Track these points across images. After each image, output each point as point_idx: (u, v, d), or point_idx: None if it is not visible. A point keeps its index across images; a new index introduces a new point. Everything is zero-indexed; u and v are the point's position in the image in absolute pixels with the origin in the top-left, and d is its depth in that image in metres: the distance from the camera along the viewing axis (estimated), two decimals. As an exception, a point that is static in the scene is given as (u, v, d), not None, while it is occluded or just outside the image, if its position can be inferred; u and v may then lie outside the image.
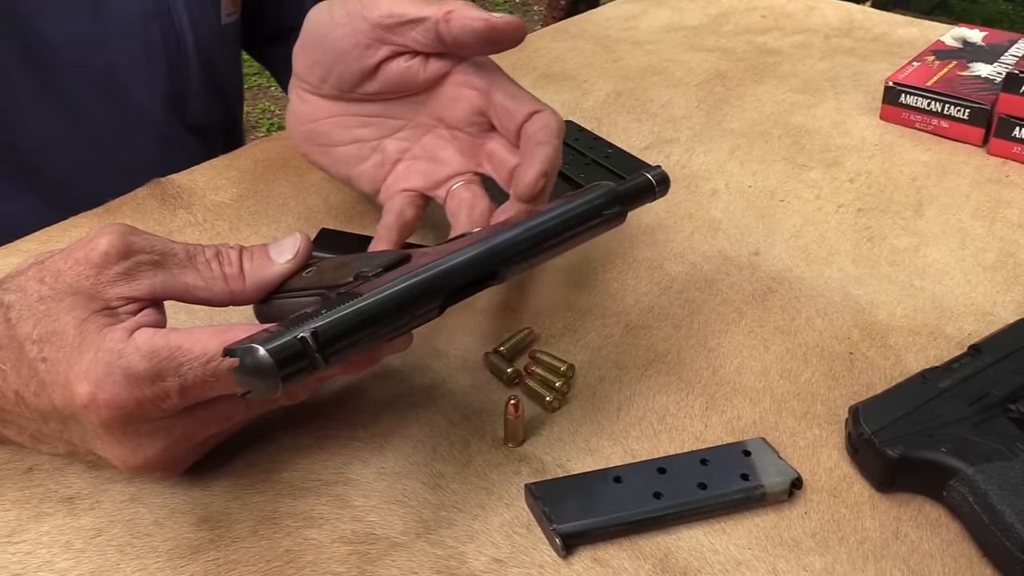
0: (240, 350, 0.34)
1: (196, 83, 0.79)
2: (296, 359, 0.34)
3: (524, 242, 0.41)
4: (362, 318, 0.36)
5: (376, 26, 0.51)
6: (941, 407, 0.46)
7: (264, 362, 0.33)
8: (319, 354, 0.34)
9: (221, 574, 0.41)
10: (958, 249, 0.62)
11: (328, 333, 0.35)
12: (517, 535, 0.43)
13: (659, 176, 0.48)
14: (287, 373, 0.34)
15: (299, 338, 0.34)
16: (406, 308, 0.37)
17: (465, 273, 0.39)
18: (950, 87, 0.75)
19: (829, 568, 0.41)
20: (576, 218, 0.43)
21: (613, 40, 0.96)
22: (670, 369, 0.52)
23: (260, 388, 0.34)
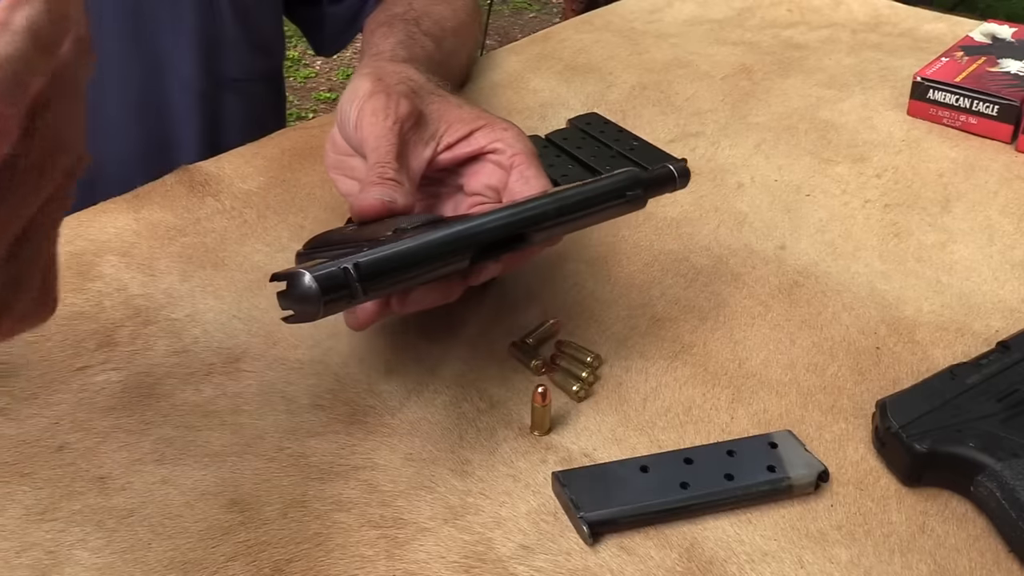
0: (288, 274, 0.38)
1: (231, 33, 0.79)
2: (338, 287, 0.38)
3: (551, 211, 0.45)
4: (400, 258, 0.40)
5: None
6: (969, 403, 0.46)
7: (309, 287, 0.37)
8: (359, 284, 0.38)
9: (251, 555, 0.41)
10: (986, 246, 0.62)
11: (368, 267, 0.38)
12: (544, 522, 0.43)
13: (681, 169, 0.51)
14: (329, 299, 0.37)
15: (342, 268, 0.38)
16: (439, 256, 0.41)
17: (496, 231, 0.43)
18: (979, 83, 0.75)
19: (855, 560, 0.41)
20: (600, 196, 0.47)
21: (638, 33, 0.96)
22: (696, 361, 0.52)
23: (303, 311, 0.38)
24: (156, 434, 0.48)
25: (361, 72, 0.57)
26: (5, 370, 0.51)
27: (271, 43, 0.88)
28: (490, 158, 0.53)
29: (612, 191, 0.47)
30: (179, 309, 0.56)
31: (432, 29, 0.72)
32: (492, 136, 0.53)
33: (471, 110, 0.55)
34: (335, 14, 0.86)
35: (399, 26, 0.71)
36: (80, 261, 0.60)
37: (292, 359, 0.53)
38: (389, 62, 0.61)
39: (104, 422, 0.48)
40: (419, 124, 0.53)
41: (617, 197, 0.47)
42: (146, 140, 0.77)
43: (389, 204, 0.47)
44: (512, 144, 0.52)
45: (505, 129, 0.53)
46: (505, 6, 3.96)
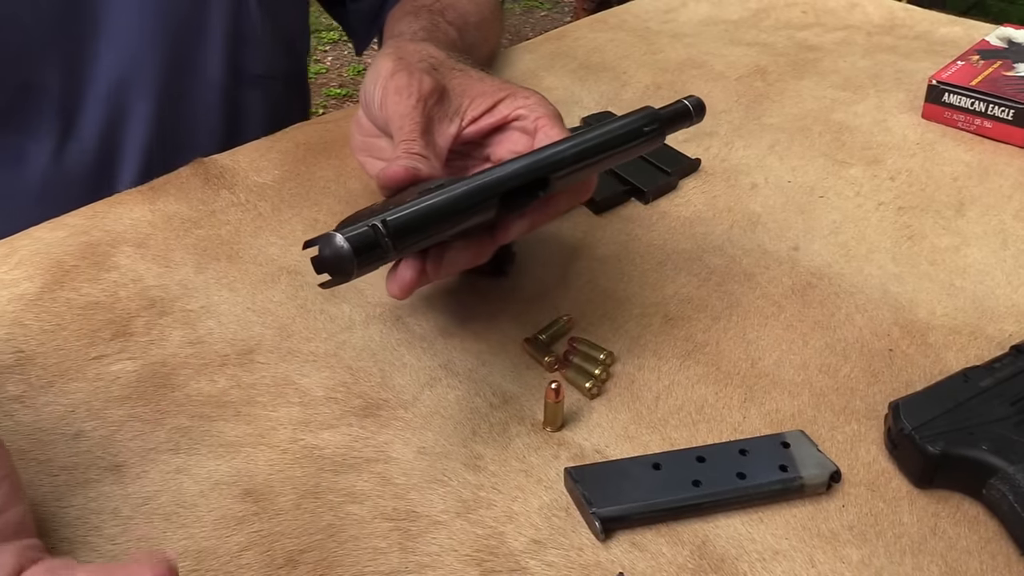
0: (320, 239, 0.39)
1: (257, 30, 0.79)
2: (370, 245, 0.38)
3: (572, 154, 0.45)
4: (427, 212, 0.41)
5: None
6: (982, 406, 0.46)
7: (341, 247, 0.38)
8: (389, 240, 0.39)
9: (265, 545, 0.42)
10: (1000, 250, 0.62)
11: (397, 223, 0.39)
12: (556, 517, 0.43)
13: (696, 103, 0.52)
14: (362, 259, 0.38)
15: (371, 226, 0.39)
16: (466, 206, 0.42)
17: (518, 177, 0.44)
18: (994, 87, 0.75)
19: (866, 561, 0.41)
20: (620, 136, 0.47)
21: (652, 32, 0.96)
22: (709, 360, 0.52)
23: (337, 273, 0.39)
24: (171, 424, 0.48)
25: (383, 52, 0.58)
26: (22, 359, 0.52)
27: (296, 39, 0.88)
28: (514, 125, 0.53)
29: (631, 131, 0.48)
30: (194, 300, 0.56)
31: (456, 20, 0.72)
32: (515, 104, 0.53)
33: (493, 82, 0.55)
34: (357, 11, 0.86)
35: (424, 15, 0.71)
36: (96, 251, 0.60)
37: (306, 351, 0.53)
38: (409, 42, 0.61)
39: (119, 411, 0.49)
40: (442, 100, 0.54)
41: (636, 136, 0.48)
42: (166, 134, 0.77)
43: (413, 171, 0.48)
44: (535, 109, 0.52)
45: (527, 96, 0.53)
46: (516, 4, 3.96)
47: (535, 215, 0.47)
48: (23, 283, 0.57)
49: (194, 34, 0.76)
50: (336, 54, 3.48)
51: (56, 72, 0.72)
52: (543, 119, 0.52)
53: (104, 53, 0.72)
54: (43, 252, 0.60)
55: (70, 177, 0.74)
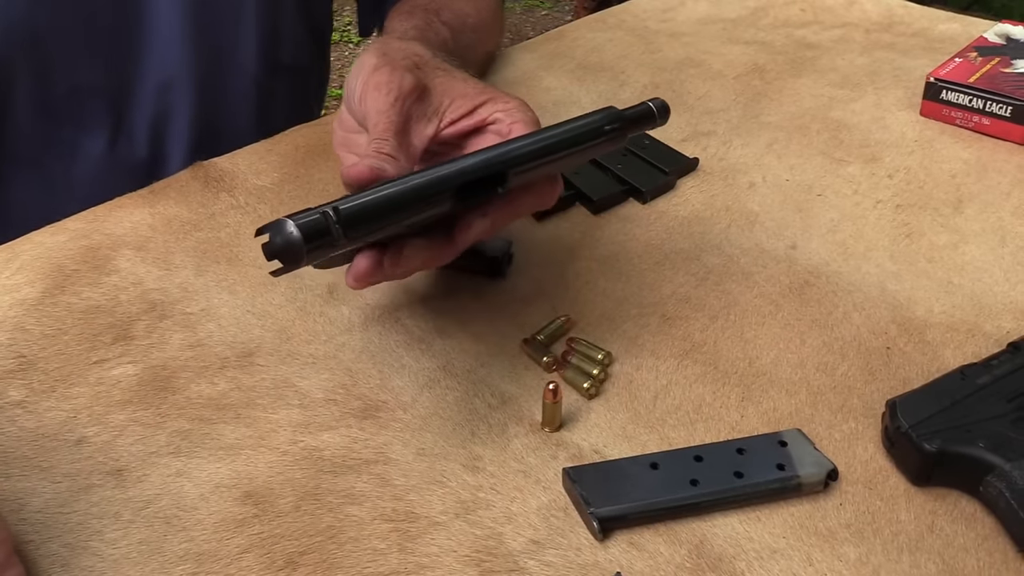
0: (271, 226, 0.38)
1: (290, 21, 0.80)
2: (320, 233, 0.38)
3: (531, 151, 0.45)
4: (380, 201, 0.40)
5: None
6: (979, 403, 0.46)
7: (291, 233, 0.37)
8: (339, 227, 0.38)
9: (265, 547, 0.42)
10: (998, 247, 0.62)
11: (350, 211, 0.39)
12: (554, 518, 0.43)
13: (660, 105, 0.51)
14: (312, 246, 0.38)
15: (322, 212, 0.38)
16: (420, 198, 0.41)
17: (474, 171, 0.43)
18: (992, 84, 0.75)
19: (863, 559, 0.42)
20: (580, 135, 0.47)
21: (651, 32, 0.96)
22: (706, 359, 0.52)
23: (287, 260, 0.38)
24: (171, 427, 0.48)
25: (367, 48, 0.58)
26: (24, 363, 0.52)
27: (324, 26, 0.90)
28: (491, 128, 0.53)
29: (591, 130, 0.47)
30: (194, 303, 0.57)
31: (451, 21, 0.73)
32: (494, 108, 0.53)
33: (476, 85, 0.55)
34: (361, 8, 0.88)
35: (419, 14, 0.72)
36: (96, 255, 0.61)
37: (305, 354, 0.53)
38: (397, 40, 0.61)
39: (120, 415, 0.49)
40: (422, 99, 0.53)
41: (597, 135, 0.47)
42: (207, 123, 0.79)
43: (378, 171, 0.47)
44: (512, 113, 0.52)
45: (507, 101, 0.53)
46: (517, 3, 3.96)
47: (496, 214, 0.46)
48: (24, 288, 0.58)
49: (232, 30, 0.78)
50: (336, 54, 3.48)
51: (105, 74, 0.75)
52: (518, 124, 0.51)
53: (149, 55, 0.75)
54: (44, 257, 0.60)
55: (123, 167, 0.78)
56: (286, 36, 0.82)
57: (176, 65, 0.76)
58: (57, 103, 0.74)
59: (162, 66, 0.76)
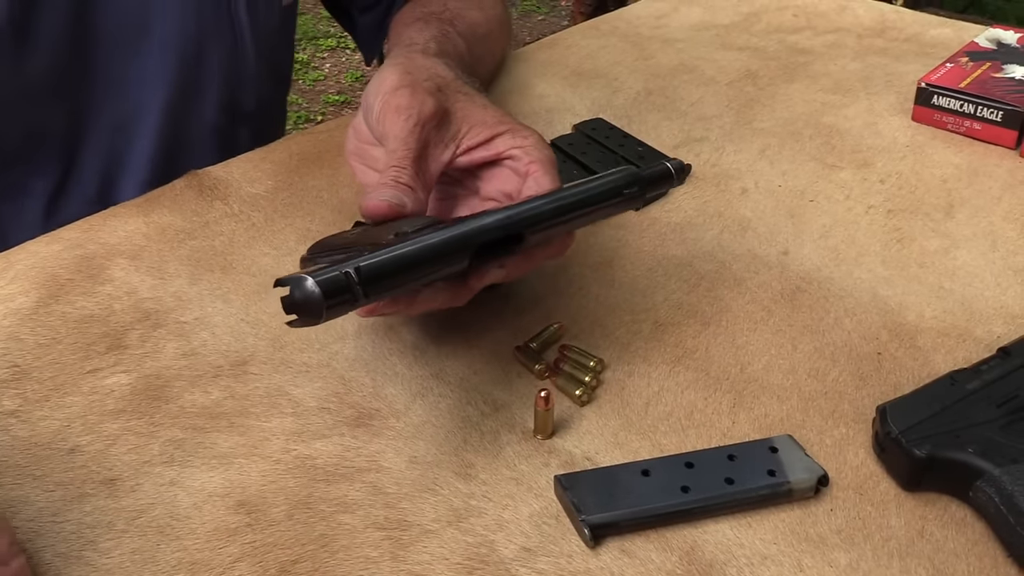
0: (291, 280, 0.39)
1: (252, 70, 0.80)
2: (340, 291, 0.38)
3: (549, 211, 0.46)
4: (399, 261, 0.41)
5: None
6: (969, 408, 0.46)
7: (312, 291, 0.38)
8: (360, 287, 0.39)
9: (258, 556, 0.42)
10: (989, 252, 0.62)
11: (370, 271, 0.39)
12: (546, 525, 0.43)
13: (678, 166, 0.52)
14: (332, 303, 0.38)
15: (344, 272, 0.39)
16: (438, 258, 0.42)
17: (493, 232, 0.44)
18: (983, 89, 0.75)
19: (854, 564, 0.42)
20: (598, 195, 0.47)
21: (644, 38, 0.97)
22: (698, 366, 0.53)
23: (306, 316, 0.39)
24: (165, 436, 0.48)
25: (390, 62, 0.57)
26: (18, 373, 0.52)
27: (285, 70, 0.89)
28: (507, 163, 0.53)
29: (610, 190, 0.48)
30: (188, 312, 0.57)
31: (465, 32, 0.72)
32: (512, 143, 0.53)
33: (495, 113, 0.55)
34: (364, 23, 0.87)
35: (434, 23, 0.71)
36: (91, 264, 0.61)
37: (299, 362, 0.53)
38: (420, 55, 0.61)
39: (114, 424, 0.49)
40: (441, 124, 0.53)
41: (614, 196, 0.48)
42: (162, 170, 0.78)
43: (397, 207, 0.48)
44: (530, 151, 0.52)
45: (526, 136, 0.53)
46: (514, 9, 3.97)
47: (512, 265, 0.47)
48: (19, 297, 0.58)
49: (194, 80, 0.77)
50: (334, 61, 3.49)
51: (60, 118, 0.73)
52: (535, 164, 0.51)
53: (107, 101, 0.74)
54: (38, 266, 0.60)
55: (71, 210, 0.76)
56: (248, 83, 0.81)
57: (134, 112, 0.75)
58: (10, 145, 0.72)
59: (120, 112, 0.75)
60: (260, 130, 0.85)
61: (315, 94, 3.22)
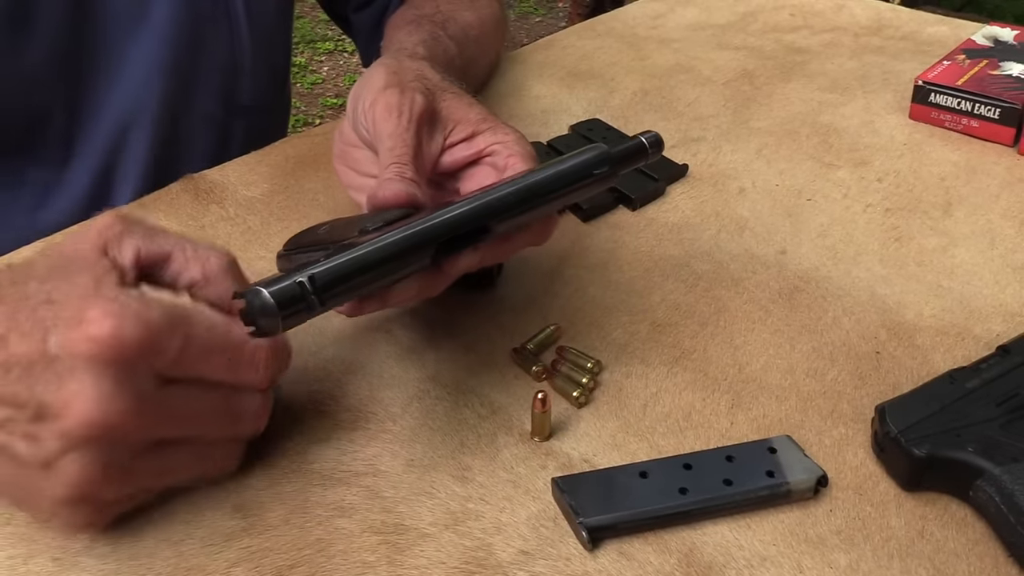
0: (247, 292, 0.38)
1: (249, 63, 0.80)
2: (295, 301, 0.38)
3: (516, 200, 0.43)
4: (355, 265, 0.39)
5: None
6: (968, 407, 0.46)
7: (267, 302, 0.37)
8: (315, 296, 0.38)
9: (254, 561, 0.42)
10: (987, 249, 0.62)
11: (324, 278, 0.38)
12: (544, 528, 0.43)
13: (653, 139, 0.49)
14: (287, 313, 0.37)
15: (297, 282, 0.38)
16: (398, 257, 0.41)
17: (456, 227, 0.42)
18: (981, 86, 0.75)
19: (854, 565, 0.41)
20: (567, 177, 0.45)
21: (640, 38, 0.96)
22: (696, 366, 0.52)
23: (264, 326, 0.38)
24: (160, 441, 0.48)
25: (377, 63, 0.57)
26: (12, 378, 0.52)
27: (283, 64, 0.89)
28: (487, 161, 0.53)
29: (579, 171, 0.45)
30: (184, 317, 0.57)
31: (457, 34, 0.72)
32: (492, 139, 0.52)
33: (479, 111, 0.54)
34: (361, 24, 0.87)
35: (426, 26, 0.71)
36: (86, 270, 0.60)
37: (295, 366, 0.53)
38: (408, 58, 0.60)
39: (109, 429, 0.49)
40: (432, 122, 0.53)
41: (584, 178, 0.45)
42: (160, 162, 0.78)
43: (412, 196, 0.47)
44: (510, 146, 0.52)
45: (506, 133, 0.53)
46: (511, 11, 3.97)
47: (486, 249, 0.45)
48: (13, 303, 0.57)
49: (193, 70, 0.77)
50: (332, 64, 3.49)
51: (61, 106, 0.73)
52: (514, 157, 0.51)
53: (108, 90, 0.74)
54: (33, 271, 0.60)
55: (67, 200, 0.75)
56: (245, 76, 0.80)
57: (135, 101, 0.75)
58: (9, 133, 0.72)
59: (121, 101, 0.74)
60: (257, 126, 0.85)
61: (313, 97, 3.22)
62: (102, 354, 0.37)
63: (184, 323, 0.39)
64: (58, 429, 0.37)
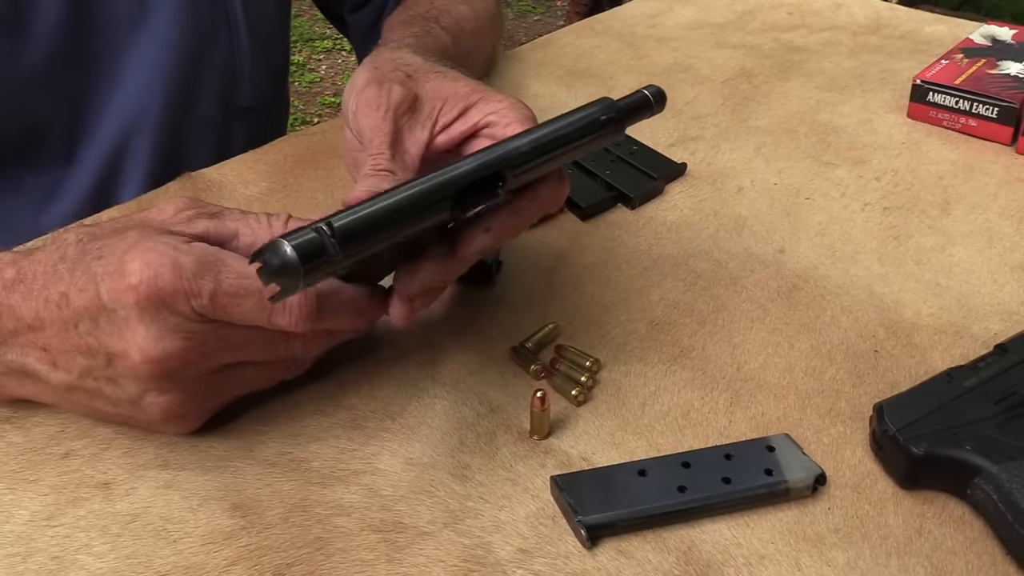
0: (266, 247, 0.37)
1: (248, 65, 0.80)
2: (316, 252, 0.37)
3: (528, 149, 0.44)
4: (375, 214, 0.39)
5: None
6: (966, 406, 0.46)
7: (287, 254, 0.36)
8: (336, 245, 0.37)
9: (253, 559, 0.42)
10: (985, 248, 0.62)
11: (344, 226, 0.38)
12: (543, 526, 0.43)
13: (656, 92, 0.50)
14: (308, 266, 0.37)
15: (316, 228, 0.37)
16: (416, 206, 0.40)
17: (472, 175, 0.42)
18: (978, 85, 0.75)
19: (852, 563, 0.42)
20: (577, 129, 0.46)
21: (639, 37, 0.96)
22: (695, 365, 0.53)
23: (285, 282, 0.37)
24: (159, 439, 0.48)
25: (360, 65, 0.58)
26: (11, 377, 0.52)
27: (282, 65, 0.89)
28: (485, 133, 0.52)
29: (588, 124, 0.46)
30: (182, 315, 0.57)
31: (451, 26, 0.72)
32: (486, 109, 0.52)
33: (467, 84, 0.54)
34: (356, 25, 0.87)
35: (418, 22, 0.71)
36: (85, 268, 0.60)
37: (294, 365, 0.53)
38: (388, 50, 0.60)
39: (108, 428, 0.49)
40: (414, 108, 0.53)
41: (594, 129, 0.46)
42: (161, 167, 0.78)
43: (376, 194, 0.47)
44: (505, 114, 0.51)
45: (500, 101, 0.52)
46: (510, 9, 3.97)
47: (499, 225, 0.45)
48: (12, 302, 0.57)
49: (194, 73, 0.77)
50: (331, 63, 3.48)
51: (61, 111, 0.73)
52: (513, 125, 0.50)
53: (109, 95, 0.74)
54: (32, 270, 0.60)
55: (70, 204, 0.75)
56: (244, 77, 0.81)
57: (137, 107, 0.75)
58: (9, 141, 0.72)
59: (123, 107, 0.74)
60: (257, 126, 0.85)
61: (311, 96, 3.22)
62: (143, 300, 0.41)
63: (215, 268, 0.42)
64: (129, 372, 0.43)
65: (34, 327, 0.45)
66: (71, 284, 0.43)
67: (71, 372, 0.45)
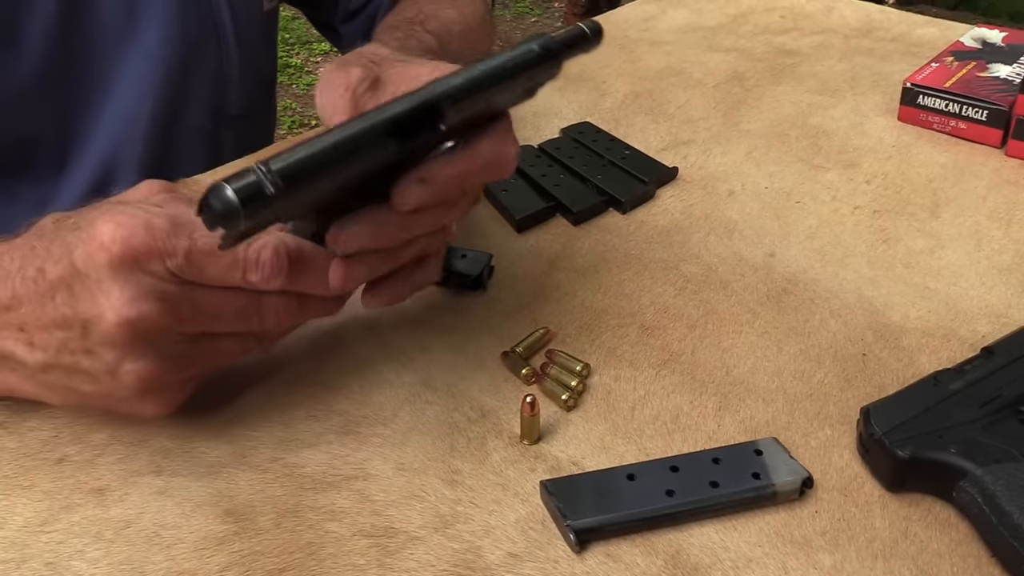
0: (208, 191, 0.37)
1: (236, 74, 0.80)
2: (253, 190, 0.37)
3: (464, 82, 0.44)
4: (314, 152, 0.39)
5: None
6: (952, 409, 0.46)
7: (228, 197, 0.36)
8: (277, 185, 0.37)
9: (245, 565, 0.42)
10: (974, 251, 0.63)
11: (284, 167, 0.37)
12: (532, 531, 0.44)
13: (593, 26, 0.50)
14: (249, 209, 0.36)
15: (255, 170, 0.37)
16: (355, 143, 0.40)
17: (409, 109, 0.42)
18: (968, 88, 0.76)
19: (838, 566, 0.42)
20: (514, 63, 0.46)
21: (631, 41, 0.97)
22: (684, 369, 0.53)
23: (226, 220, 0.37)
24: (153, 446, 0.48)
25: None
26: (5, 384, 0.52)
27: (269, 74, 0.89)
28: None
29: (524, 57, 0.46)
30: (176, 322, 0.57)
31: (438, 29, 0.73)
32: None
33: (429, 65, 0.54)
34: (349, 31, 0.88)
35: (403, 27, 0.72)
36: (79, 275, 0.61)
37: (286, 370, 0.53)
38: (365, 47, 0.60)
39: (101, 434, 0.49)
40: (375, 87, 0.53)
41: (529, 62, 0.46)
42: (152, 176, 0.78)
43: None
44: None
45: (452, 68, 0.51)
46: (507, 11, 3.97)
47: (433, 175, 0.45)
48: (7, 309, 0.58)
49: (183, 84, 0.77)
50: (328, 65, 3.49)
51: (51, 123, 0.73)
52: None
53: (99, 107, 0.74)
54: (26, 277, 0.60)
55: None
56: (233, 86, 0.81)
57: (128, 117, 0.75)
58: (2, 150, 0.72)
59: (114, 118, 0.75)
60: (246, 135, 0.85)
61: (309, 99, 3.22)
62: (116, 260, 0.42)
63: (188, 227, 0.43)
64: (103, 337, 0.42)
65: (10, 307, 0.45)
66: (47, 258, 0.44)
67: (47, 350, 0.44)
